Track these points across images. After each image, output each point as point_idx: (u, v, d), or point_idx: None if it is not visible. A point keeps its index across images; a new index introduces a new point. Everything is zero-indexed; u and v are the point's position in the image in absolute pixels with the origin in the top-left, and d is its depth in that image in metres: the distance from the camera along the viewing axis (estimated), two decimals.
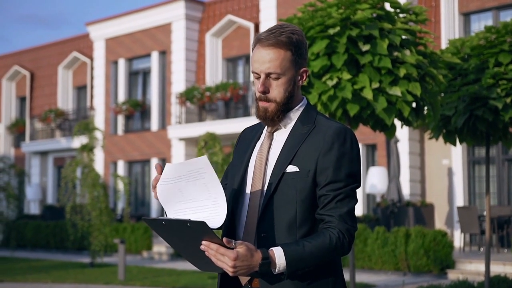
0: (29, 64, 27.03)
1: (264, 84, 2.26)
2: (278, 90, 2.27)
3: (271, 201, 2.24)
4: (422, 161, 16.60)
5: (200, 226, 1.98)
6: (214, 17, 21.27)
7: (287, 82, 2.27)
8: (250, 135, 2.47)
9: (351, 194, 2.23)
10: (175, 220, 2.01)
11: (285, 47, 2.24)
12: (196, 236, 2.02)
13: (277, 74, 2.25)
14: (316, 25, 6.19)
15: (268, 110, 2.29)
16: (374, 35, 6.14)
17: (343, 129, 2.26)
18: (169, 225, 2.04)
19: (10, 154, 27.01)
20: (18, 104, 27.74)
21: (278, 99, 2.27)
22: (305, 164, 2.23)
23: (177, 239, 2.10)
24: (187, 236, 2.04)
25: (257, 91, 2.29)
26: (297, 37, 2.27)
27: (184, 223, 1.99)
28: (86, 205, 14.99)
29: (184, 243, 2.09)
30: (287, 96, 2.28)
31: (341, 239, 2.18)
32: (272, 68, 2.24)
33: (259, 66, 2.26)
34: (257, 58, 2.26)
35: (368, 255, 13.35)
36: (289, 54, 2.25)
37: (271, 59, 2.24)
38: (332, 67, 6.18)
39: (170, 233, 2.09)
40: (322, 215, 2.21)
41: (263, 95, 2.28)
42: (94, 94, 23.68)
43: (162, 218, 2.05)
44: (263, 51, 2.25)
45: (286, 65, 2.25)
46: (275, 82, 2.26)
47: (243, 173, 2.36)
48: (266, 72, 2.25)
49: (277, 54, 2.23)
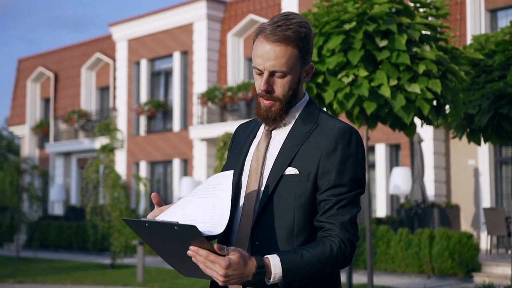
0: (53, 66, 27.18)
1: (268, 82, 2.06)
2: (283, 89, 2.07)
3: (268, 206, 2.05)
4: (447, 161, 16.25)
5: (189, 230, 1.80)
6: (236, 17, 21.12)
7: (292, 80, 2.08)
8: (246, 133, 2.27)
9: (354, 200, 2.03)
10: (160, 222, 1.84)
11: (292, 43, 2.03)
12: (184, 240, 1.85)
13: (283, 73, 2.05)
14: (331, 21, 5.98)
15: (271, 110, 2.09)
16: (392, 30, 5.91)
17: (348, 129, 2.06)
18: (153, 227, 1.87)
19: (34, 155, 27.19)
20: (43, 106, 27.92)
21: (282, 97, 2.08)
22: (305, 166, 2.03)
23: (160, 242, 1.93)
24: (173, 240, 1.87)
25: (259, 88, 2.09)
26: (305, 30, 2.07)
27: (171, 226, 1.81)
28: (106, 206, 14.93)
29: (168, 247, 1.92)
30: (291, 95, 2.09)
31: (342, 249, 1.98)
32: (278, 66, 2.04)
33: (263, 63, 2.05)
34: (260, 54, 2.05)
35: (391, 257, 13.07)
36: (296, 51, 2.05)
37: (277, 56, 2.03)
38: (348, 64, 5.98)
39: (153, 236, 1.92)
40: (322, 222, 2.01)
41: (266, 94, 2.09)
42: (117, 95, 23.71)
43: (145, 220, 1.88)
44: (267, 46, 2.04)
45: (292, 62, 2.05)
46: (279, 80, 2.07)
47: (238, 174, 2.17)
48: (271, 70, 2.05)
49: (284, 51, 2.03)
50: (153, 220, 1.85)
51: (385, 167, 16.78)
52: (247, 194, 2.10)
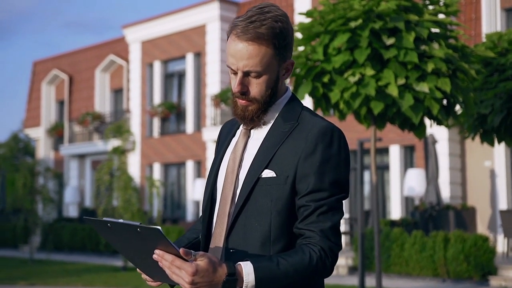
0: (67, 68, 27.27)
1: (242, 83, 1.93)
2: (259, 89, 1.93)
3: (243, 210, 1.91)
4: (463, 162, 15.99)
5: (152, 233, 1.68)
6: None
7: (269, 80, 1.94)
8: (229, 131, 2.14)
9: (336, 206, 1.88)
10: (123, 223, 1.72)
11: (266, 41, 1.89)
12: (148, 244, 1.74)
13: (257, 73, 1.91)
14: (337, 18, 5.84)
15: (248, 109, 1.96)
16: (400, 27, 5.76)
17: (330, 128, 1.91)
18: (116, 228, 1.76)
19: (49, 157, 27.27)
20: (58, 108, 28.01)
21: (259, 97, 1.94)
22: (283, 168, 1.89)
23: (125, 244, 1.82)
24: (137, 242, 1.76)
25: (233, 89, 1.96)
26: (281, 25, 1.91)
27: (133, 228, 1.70)
28: (118, 208, 14.88)
29: (134, 250, 1.82)
30: (269, 94, 1.95)
31: (323, 258, 1.84)
32: (252, 66, 1.90)
33: (236, 62, 1.91)
34: (233, 52, 1.91)
35: (405, 260, 12.86)
36: (271, 49, 1.90)
37: (250, 56, 1.89)
38: (355, 63, 5.83)
39: (117, 237, 1.81)
40: (302, 229, 1.87)
41: (240, 95, 1.95)
42: (130, 96, 23.70)
43: (108, 220, 1.77)
44: (239, 45, 1.89)
45: (268, 61, 1.91)
46: (255, 80, 1.93)
47: (214, 176, 2.05)
48: (244, 70, 1.91)
49: (257, 50, 1.88)
50: (115, 221, 1.75)
51: (399, 169, 16.57)
52: (222, 197, 1.98)
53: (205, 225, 2.02)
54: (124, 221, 1.72)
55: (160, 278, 1.84)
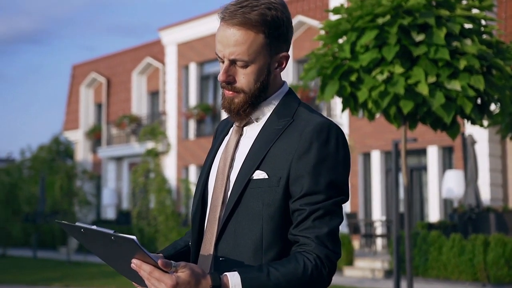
0: (105, 71, 27.54)
1: (227, 72, 1.78)
2: (247, 80, 1.78)
3: (233, 215, 1.76)
4: (504, 163, 15.54)
5: (127, 242, 1.57)
6: None
7: (258, 71, 1.78)
8: (223, 129, 1.99)
9: (333, 210, 1.71)
10: (96, 230, 1.62)
11: (255, 28, 1.74)
12: (124, 252, 1.63)
13: (244, 62, 1.76)
14: (364, 15, 5.65)
15: (234, 102, 1.80)
16: (430, 23, 5.53)
17: (326, 125, 1.74)
18: (90, 234, 1.66)
19: (88, 159, 27.57)
20: (96, 111, 28.32)
21: (246, 89, 1.79)
22: (275, 169, 1.73)
23: (102, 249, 1.72)
24: (113, 250, 1.66)
25: (218, 78, 1.82)
26: (274, 13, 1.76)
27: (108, 236, 1.59)
28: (152, 210, 14.89)
29: (112, 257, 1.71)
30: (258, 87, 1.79)
31: (319, 267, 1.67)
32: (238, 54, 1.75)
33: (222, 49, 1.77)
34: (220, 38, 1.77)
35: (443, 264, 12.54)
36: (261, 37, 1.75)
37: (236, 42, 1.74)
38: (383, 60, 5.64)
39: (93, 243, 1.72)
40: (296, 235, 1.71)
41: (226, 85, 1.81)
42: (166, 99, 23.78)
43: (81, 225, 1.66)
44: (227, 31, 1.75)
45: (256, 50, 1.75)
46: (242, 70, 1.78)
47: (205, 177, 1.90)
48: (230, 59, 1.76)
49: (245, 37, 1.74)
50: (89, 227, 1.64)
51: (437, 170, 16.20)
52: (212, 200, 1.83)
53: (196, 231, 1.88)
54: (98, 228, 1.62)
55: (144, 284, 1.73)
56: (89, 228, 1.62)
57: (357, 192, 18.03)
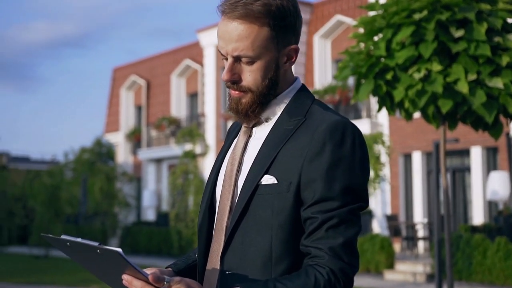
0: (145, 73, 27.73)
1: (232, 70, 1.63)
2: (253, 78, 1.63)
3: (240, 224, 1.60)
4: None
5: (112, 255, 1.45)
6: (323, 18, 20.62)
7: (266, 67, 1.62)
8: (235, 129, 1.84)
9: (349, 218, 1.54)
10: (81, 243, 1.50)
11: (259, 20, 1.59)
12: (111, 266, 1.52)
13: (249, 58, 1.61)
14: (400, 11, 5.43)
15: (242, 102, 1.65)
16: (470, 18, 5.28)
17: (341, 124, 1.58)
18: (76, 247, 1.55)
19: (128, 161, 27.78)
20: (136, 113, 28.53)
21: (253, 87, 1.63)
22: (285, 173, 1.57)
23: (88, 262, 1.61)
24: (101, 263, 1.55)
25: (223, 77, 1.67)
26: (279, 2, 1.60)
27: (93, 248, 1.48)
28: (190, 211, 14.87)
29: (102, 270, 1.60)
30: (267, 85, 1.64)
31: (332, 282, 1.50)
32: (242, 50, 1.60)
33: (225, 46, 1.62)
34: (221, 34, 1.63)
35: (488, 268, 12.15)
36: (266, 30, 1.60)
37: (239, 37, 1.59)
38: (420, 58, 5.41)
39: (79, 256, 1.61)
40: (308, 246, 1.54)
41: (231, 85, 1.66)
42: (205, 100, 23.79)
43: (66, 238, 1.54)
44: (229, 25, 1.60)
45: (262, 44, 1.60)
46: (247, 67, 1.62)
47: (213, 183, 1.75)
48: (234, 55, 1.61)
49: (248, 30, 1.58)
50: (74, 239, 1.52)
51: (481, 172, 15.74)
52: (219, 208, 1.68)
53: (203, 242, 1.72)
54: (83, 241, 1.50)
55: None
56: (74, 241, 1.51)
57: (398, 194, 17.69)
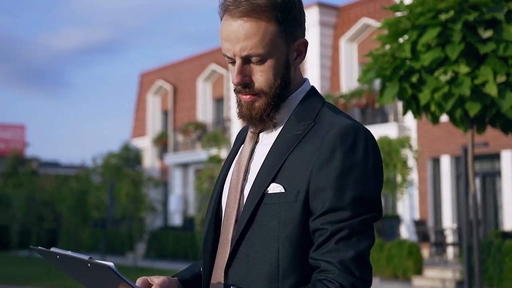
0: (171, 78, 27.82)
1: (243, 73, 1.52)
2: (265, 78, 1.52)
3: (245, 236, 1.51)
4: None
5: (104, 270, 1.38)
6: (349, 21, 20.45)
7: (277, 65, 1.52)
8: (242, 135, 1.73)
9: (361, 229, 1.43)
10: (72, 256, 1.44)
11: (266, 14, 1.49)
12: (102, 280, 1.45)
13: (260, 56, 1.50)
14: (426, 11, 5.29)
15: (255, 106, 1.55)
16: (499, 18, 5.13)
17: (352, 128, 1.47)
18: (66, 261, 1.49)
19: (155, 166, 27.87)
20: (162, 118, 28.63)
21: (266, 89, 1.53)
22: (293, 182, 1.47)
23: (83, 277, 1.54)
24: (93, 277, 1.49)
25: (233, 81, 1.56)
26: None
27: (84, 262, 1.41)
28: None
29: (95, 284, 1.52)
30: (279, 85, 1.53)
31: None
32: (251, 49, 1.50)
33: (231, 47, 1.52)
34: (226, 35, 1.52)
35: None
36: (274, 24, 1.50)
37: (247, 35, 1.49)
38: (446, 60, 5.26)
39: (72, 270, 1.55)
40: (317, 260, 1.44)
41: (243, 89, 1.55)
42: (231, 105, 23.75)
43: (56, 252, 1.48)
44: (233, 24, 1.50)
45: (271, 40, 1.50)
46: (258, 67, 1.52)
47: (218, 192, 1.65)
48: (243, 55, 1.51)
49: (255, 27, 1.49)
50: (64, 253, 1.45)
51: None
52: (225, 220, 1.58)
53: (208, 254, 1.63)
54: (73, 254, 1.43)
55: None
56: (64, 254, 1.45)
57: (426, 199, 17.42)
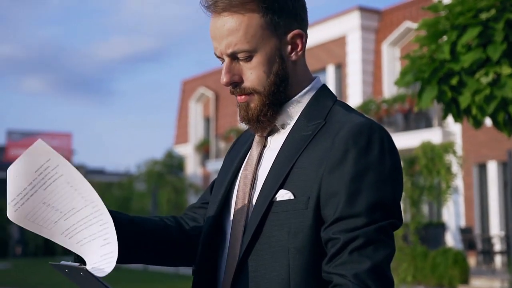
0: (213, 85, 27.90)
1: (231, 72, 1.42)
2: (256, 75, 1.40)
3: (252, 248, 1.37)
4: None
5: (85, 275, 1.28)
6: (391, 25, 20.13)
7: (268, 60, 1.40)
8: (250, 138, 1.60)
9: (378, 238, 1.28)
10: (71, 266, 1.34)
11: (246, 6, 1.37)
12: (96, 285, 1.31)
13: (246, 52, 1.39)
14: (466, 11, 5.07)
15: (251, 107, 1.44)
16: None
17: (366, 127, 1.33)
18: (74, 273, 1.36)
19: (197, 173, 27.97)
20: (205, 125, 28.74)
21: (258, 87, 1.41)
22: (303, 187, 1.34)
23: None
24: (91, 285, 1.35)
25: (221, 82, 1.46)
26: None
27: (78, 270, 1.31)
28: None
29: None
30: (273, 81, 1.41)
31: None
32: (235, 44, 1.39)
33: (218, 45, 1.42)
34: (212, 34, 1.43)
35: None
36: (259, 15, 1.38)
37: (230, 31, 1.38)
38: (488, 61, 5.04)
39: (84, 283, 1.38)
40: (330, 273, 1.29)
41: (233, 89, 1.44)
42: None
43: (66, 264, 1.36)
44: (217, 21, 1.40)
45: (256, 34, 1.38)
46: (247, 64, 1.41)
47: (223, 198, 1.51)
48: (229, 53, 1.40)
49: (238, 20, 1.38)
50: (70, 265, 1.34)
51: None
52: (233, 229, 1.44)
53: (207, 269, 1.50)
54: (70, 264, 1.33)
55: None
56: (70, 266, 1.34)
57: (472, 206, 16.96)
